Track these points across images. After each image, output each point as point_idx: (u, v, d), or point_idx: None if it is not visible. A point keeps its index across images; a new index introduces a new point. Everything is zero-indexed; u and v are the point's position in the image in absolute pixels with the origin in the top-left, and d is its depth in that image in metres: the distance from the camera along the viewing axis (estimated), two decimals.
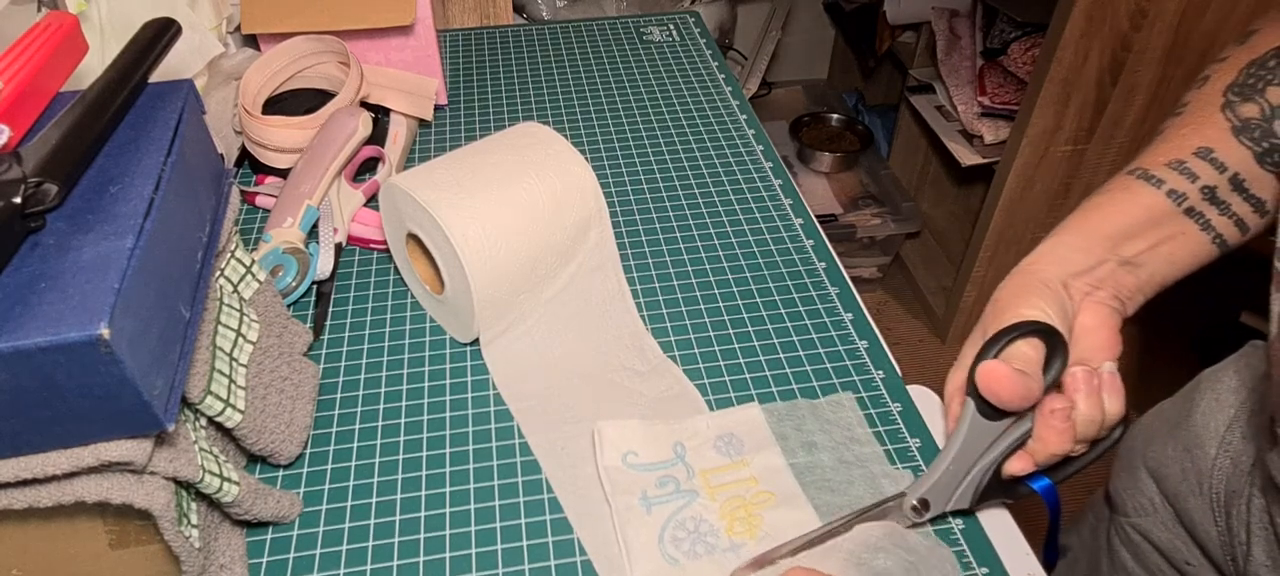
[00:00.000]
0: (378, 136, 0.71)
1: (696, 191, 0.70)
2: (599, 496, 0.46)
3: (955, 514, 0.45)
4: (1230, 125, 0.44)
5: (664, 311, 0.58)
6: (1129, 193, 0.45)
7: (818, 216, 1.01)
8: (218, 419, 0.41)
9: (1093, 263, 0.44)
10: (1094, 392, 0.41)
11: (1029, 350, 0.41)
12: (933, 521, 0.45)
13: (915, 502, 0.43)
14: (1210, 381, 0.54)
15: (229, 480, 0.40)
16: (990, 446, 0.43)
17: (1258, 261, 0.51)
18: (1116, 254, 0.44)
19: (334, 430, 0.50)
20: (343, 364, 0.55)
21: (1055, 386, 0.42)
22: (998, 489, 0.44)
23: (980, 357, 0.42)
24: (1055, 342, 0.42)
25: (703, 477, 0.46)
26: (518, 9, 1.38)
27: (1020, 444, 0.43)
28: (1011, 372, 0.40)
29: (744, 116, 0.80)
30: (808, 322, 0.57)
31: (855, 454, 0.48)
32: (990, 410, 0.42)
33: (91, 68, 0.46)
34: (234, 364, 0.43)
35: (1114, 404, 0.42)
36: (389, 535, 0.45)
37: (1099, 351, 0.43)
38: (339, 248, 0.62)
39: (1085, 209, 0.46)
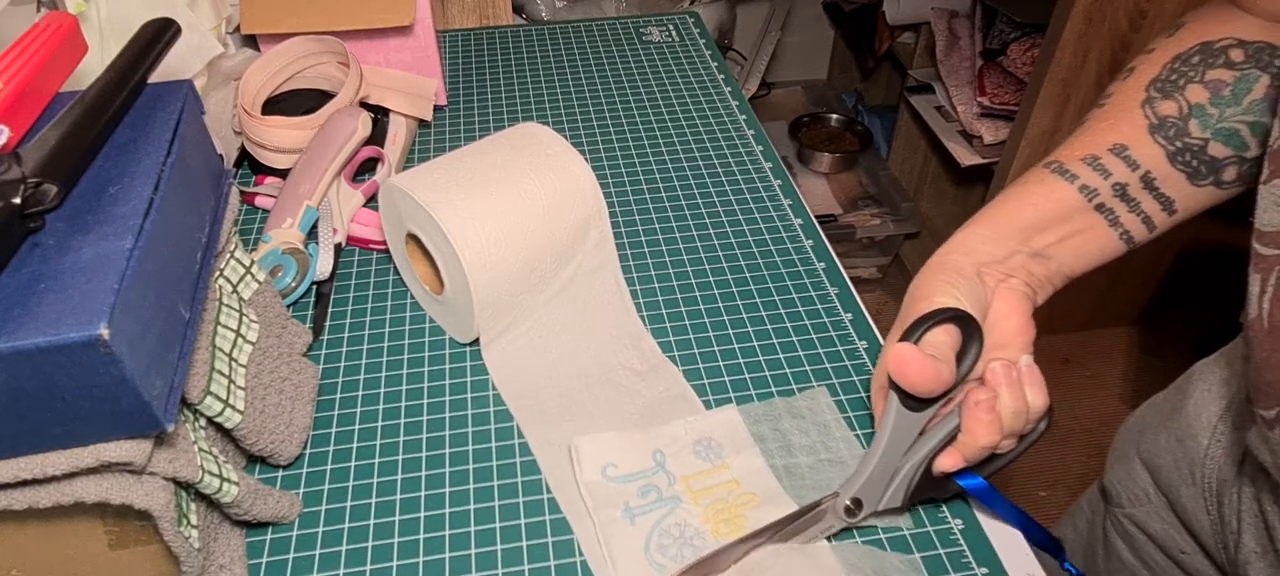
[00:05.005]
0: (377, 137, 0.71)
1: (696, 191, 0.70)
2: None
3: (888, 512, 0.44)
4: (1148, 122, 0.45)
5: (663, 311, 0.58)
6: (1043, 186, 0.46)
7: (817, 217, 1.01)
8: (217, 419, 0.41)
9: (1004, 254, 0.45)
10: (1015, 384, 0.42)
11: (943, 336, 0.42)
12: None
13: (848, 502, 0.43)
14: (1202, 373, 0.55)
15: (228, 480, 0.40)
16: (918, 442, 0.43)
17: None
18: (1027, 245, 0.45)
19: (334, 430, 0.50)
20: (342, 364, 0.55)
21: (976, 376, 0.43)
22: (930, 486, 0.44)
23: None
24: (970, 329, 0.42)
25: (684, 483, 0.46)
26: (517, 9, 1.38)
27: (950, 440, 0.43)
28: (920, 356, 0.40)
29: (743, 117, 0.80)
30: (807, 323, 0.57)
31: (831, 449, 0.48)
32: (912, 400, 0.42)
33: (91, 68, 0.46)
34: (233, 364, 0.43)
35: (1036, 395, 0.42)
36: (389, 535, 0.45)
37: (1015, 336, 0.44)
38: (338, 248, 0.62)
39: (999, 201, 0.47)
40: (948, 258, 0.45)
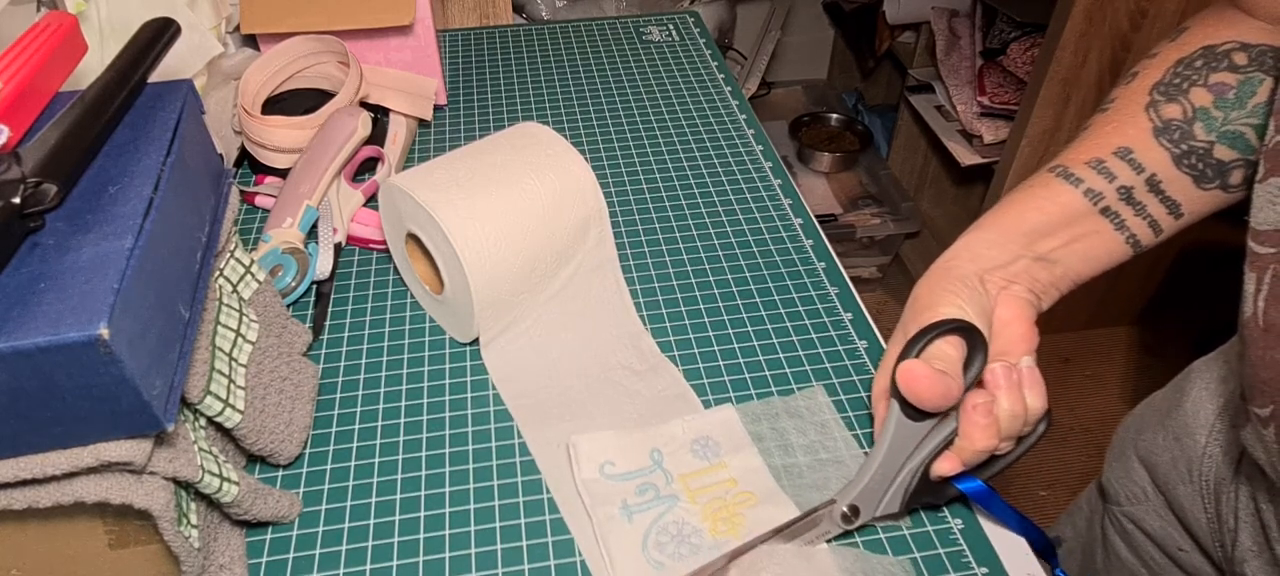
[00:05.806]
0: (377, 136, 0.71)
1: (696, 191, 0.70)
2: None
3: (886, 518, 0.44)
4: (1152, 126, 0.44)
5: (663, 311, 0.58)
6: (1047, 189, 0.45)
7: (817, 216, 1.01)
8: (217, 419, 0.41)
9: (1008, 258, 0.44)
10: (1014, 387, 0.42)
11: (949, 349, 0.41)
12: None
13: (846, 509, 0.43)
14: (1201, 371, 0.55)
15: (228, 480, 0.40)
16: (917, 448, 0.43)
17: None
18: (1031, 250, 0.45)
19: (334, 430, 0.50)
20: (342, 364, 0.55)
21: (976, 383, 0.43)
22: (927, 491, 0.43)
23: (902, 358, 0.41)
24: (975, 339, 0.42)
25: (682, 482, 0.46)
26: (517, 9, 1.38)
27: (947, 444, 0.42)
28: (931, 372, 0.40)
29: (744, 116, 0.80)
30: (807, 323, 0.57)
31: (830, 449, 0.48)
32: (914, 411, 0.41)
33: (91, 68, 0.46)
34: (233, 364, 0.43)
35: (1035, 398, 0.42)
36: (389, 535, 0.45)
37: (1017, 343, 0.43)
38: (338, 247, 0.62)
39: (1003, 205, 0.47)
40: (951, 264, 0.45)
